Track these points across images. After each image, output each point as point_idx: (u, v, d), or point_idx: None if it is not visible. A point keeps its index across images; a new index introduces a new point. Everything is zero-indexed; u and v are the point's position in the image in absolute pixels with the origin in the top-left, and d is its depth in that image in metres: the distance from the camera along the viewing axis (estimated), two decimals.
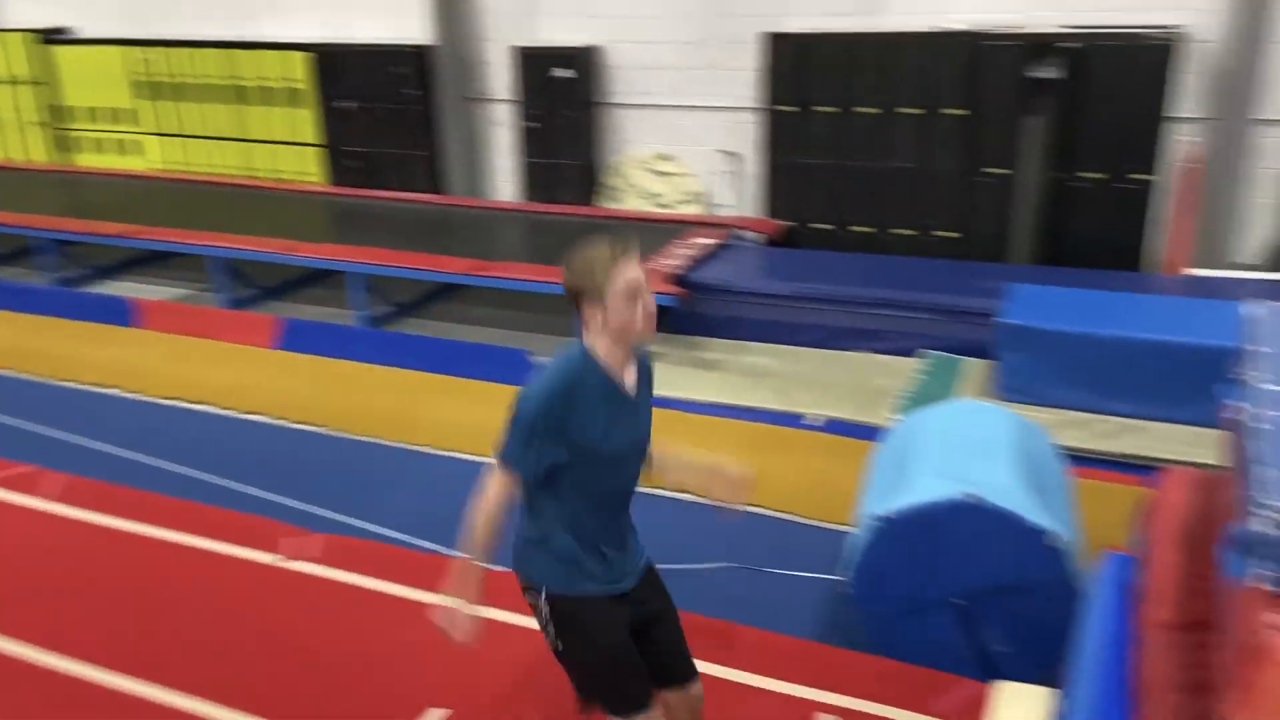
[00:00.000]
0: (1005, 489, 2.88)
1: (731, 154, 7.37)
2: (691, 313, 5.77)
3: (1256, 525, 1.43)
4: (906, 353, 5.33)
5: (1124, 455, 4.16)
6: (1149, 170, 6.02)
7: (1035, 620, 2.81)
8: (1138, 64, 5.88)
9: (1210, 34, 5.92)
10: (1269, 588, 1.41)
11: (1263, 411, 1.83)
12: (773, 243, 6.84)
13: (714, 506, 2.23)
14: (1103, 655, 2.06)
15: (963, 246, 6.54)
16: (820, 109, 6.70)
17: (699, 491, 2.24)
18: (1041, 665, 2.74)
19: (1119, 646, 2.06)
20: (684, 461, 2.21)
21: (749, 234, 6.84)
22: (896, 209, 6.70)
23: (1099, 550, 2.78)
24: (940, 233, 6.61)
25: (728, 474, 2.18)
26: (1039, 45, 6.02)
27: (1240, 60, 5.80)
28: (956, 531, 2.84)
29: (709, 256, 6.19)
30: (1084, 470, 3.73)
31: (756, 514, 3.83)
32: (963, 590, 2.90)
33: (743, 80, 7.04)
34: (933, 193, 6.57)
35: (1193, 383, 4.23)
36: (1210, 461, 3.65)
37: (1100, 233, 6.21)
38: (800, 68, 6.67)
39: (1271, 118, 5.90)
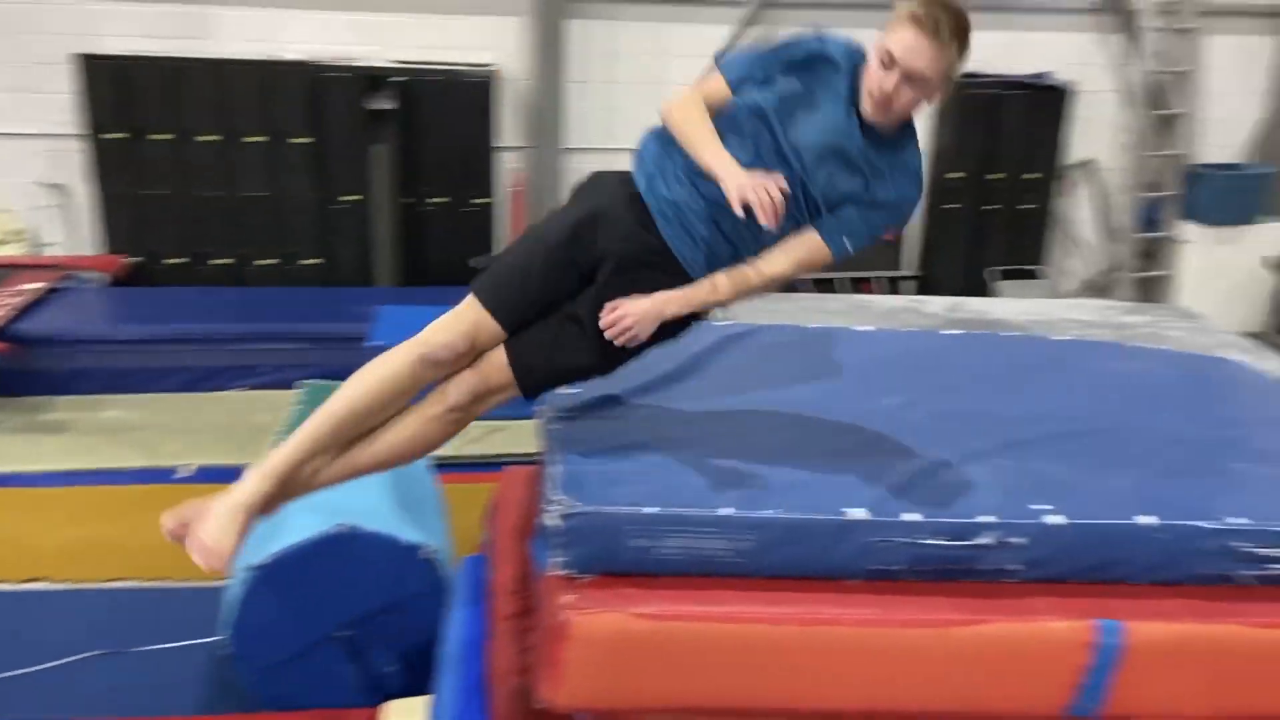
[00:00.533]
0: (376, 511, 2.97)
1: (55, 186, 6.55)
2: (23, 370, 5.03)
3: (547, 518, 1.67)
4: (285, 385, 5.22)
5: (489, 456, 4.53)
6: (486, 194, 6.66)
7: (417, 634, 2.94)
8: (460, 98, 6.46)
9: (519, 73, 6.71)
10: (564, 573, 1.65)
11: (555, 409, 2.13)
12: (118, 282, 6.22)
13: None
14: (463, 654, 2.25)
15: (328, 273, 6.59)
16: (154, 136, 6.23)
17: None
18: (429, 676, 2.89)
19: (476, 644, 2.25)
20: None
21: (88, 274, 6.14)
22: (256, 239, 6.52)
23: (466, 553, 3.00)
24: (304, 260, 6.58)
25: None
26: (373, 78, 6.29)
27: (545, 96, 6.67)
28: (334, 564, 2.86)
29: (38, 303, 5.44)
30: (455, 475, 3.99)
31: (121, 590, 3.49)
32: (348, 620, 2.94)
33: (60, 105, 6.29)
34: (291, 221, 6.51)
35: None
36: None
37: (454, 252, 6.67)
38: (124, 92, 6.14)
39: (576, 146, 6.88)
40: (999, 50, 6.94)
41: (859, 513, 1.70)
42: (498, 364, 1.94)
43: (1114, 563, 1.73)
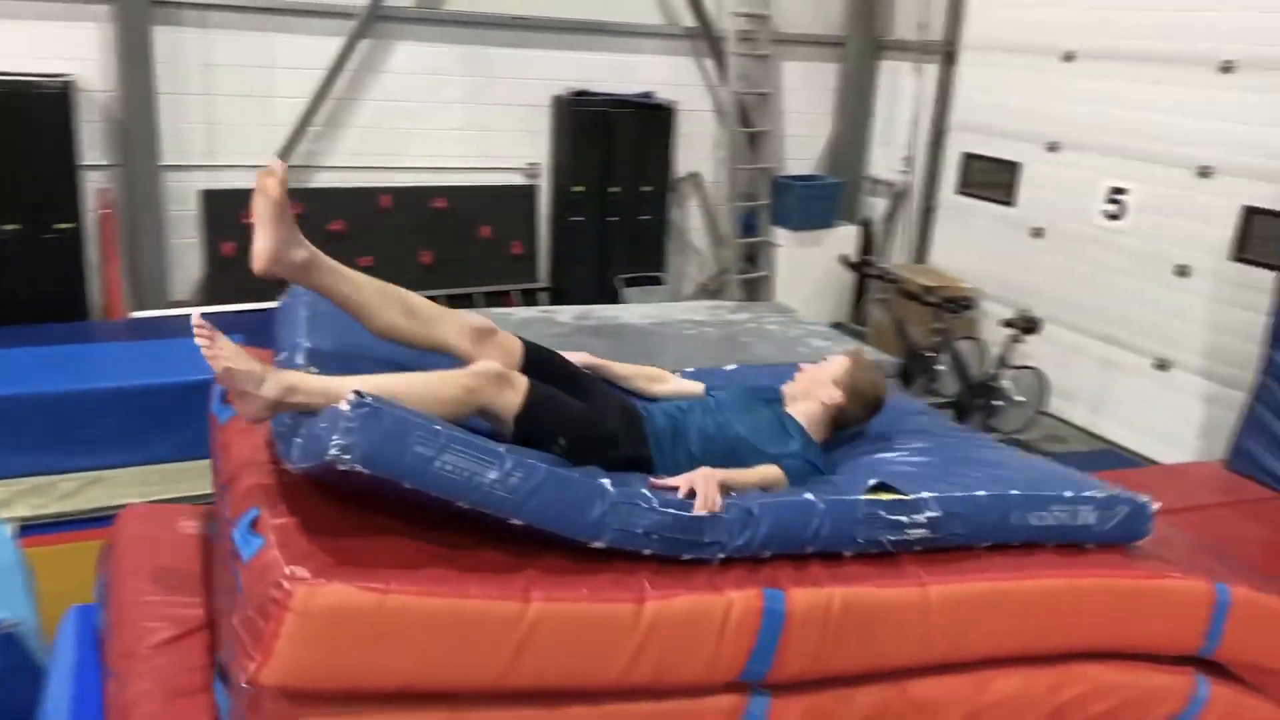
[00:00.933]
0: None
1: None
2: None
3: (342, 403, 1.60)
4: None
5: (89, 511, 4.03)
6: (72, 218, 5.92)
7: (15, 709, 2.55)
8: (35, 112, 5.70)
9: (104, 84, 6.05)
10: (276, 552, 1.55)
11: None
12: None
13: None
14: (71, 706, 2.05)
15: None
16: None
17: None
18: None
19: (89, 697, 2.03)
20: None
21: None
22: None
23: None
24: None
25: None
26: None
27: (133, 110, 6.06)
28: None
29: None
30: (48, 537, 3.52)
31: None
32: None
33: None
34: None
35: (150, 423, 4.31)
36: (176, 494, 3.82)
37: (37, 286, 5.89)
38: None
39: (172, 163, 6.32)
40: (608, 70, 7.36)
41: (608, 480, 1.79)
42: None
43: (800, 539, 1.89)
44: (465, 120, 7.18)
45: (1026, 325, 6.06)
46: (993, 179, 7.03)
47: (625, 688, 1.70)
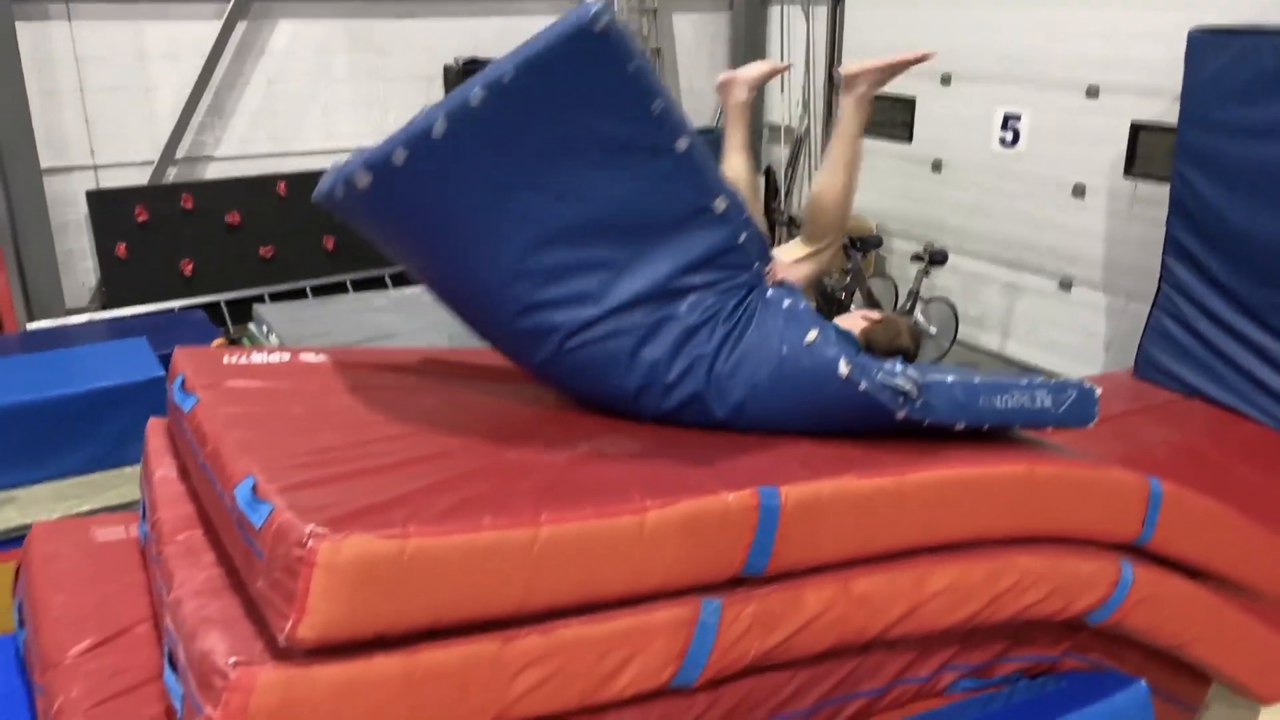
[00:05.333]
0: None
1: None
2: None
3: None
4: None
5: (4, 533, 3.86)
6: None
7: None
8: None
9: None
10: (289, 514, 1.55)
11: None
12: None
13: None
14: None
15: None
16: None
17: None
18: None
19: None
20: None
21: None
22: None
23: None
24: None
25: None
26: None
27: (4, 113, 5.75)
28: None
29: None
30: None
31: None
32: None
33: None
34: None
35: (58, 436, 4.14)
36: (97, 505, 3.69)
37: None
38: None
39: (53, 166, 6.04)
40: (497, 35, 7.23)
41: None
42: None
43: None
44: (357, 97, 7.00)
45: (934, 258, 6.20)
46: (890, 117, 7.13)
47: (634, 596, 1.74)
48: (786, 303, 2.17)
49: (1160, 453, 4.27)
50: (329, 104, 6.90)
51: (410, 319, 5.30)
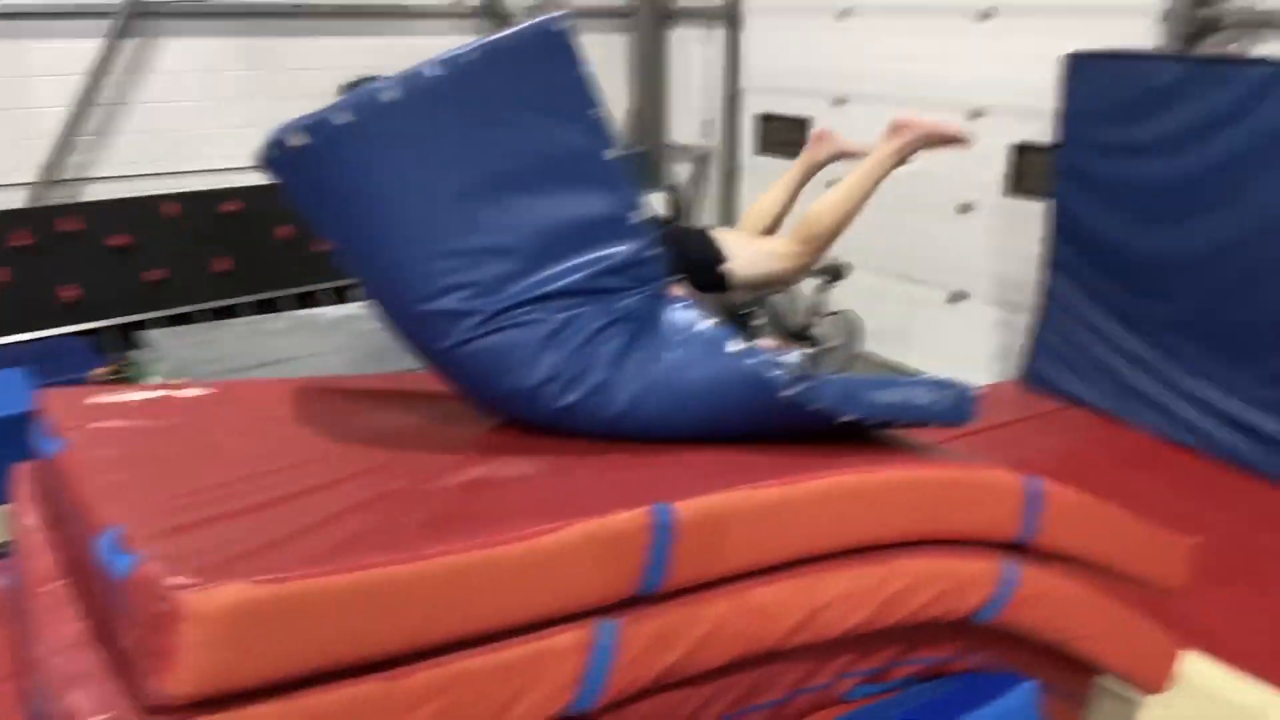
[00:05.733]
0: None
1: None
2: None
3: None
4: None
5: None
6: None
7: None
8: None
9: None
10: (156, 564, 1.46)
11: None
12: None
13: None
14: None
15: None
16: None
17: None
18: None
19: None
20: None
21: None
22: None
23: None
24: None
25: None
26: None
27: None
28: None
29: None
30: None
31: None
32: None
33: None
34: None
35: None
36: None
37: None
38: None
39: None
40: (396, 54, 7.14)
41: None
42: None
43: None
44: (250, 117, 6.83)
45: (834, 273, 6.34)
46: (788, 137, 7.28)
47: (528, 623, 1.71)
48: (688, 309, 2.25)
49: (1046, 460, 4.43)
50: (220, 123, 6.73)
51: (308, 342, 5.18)
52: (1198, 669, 2.76)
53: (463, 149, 2.05)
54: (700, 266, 2.89)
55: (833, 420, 2.17)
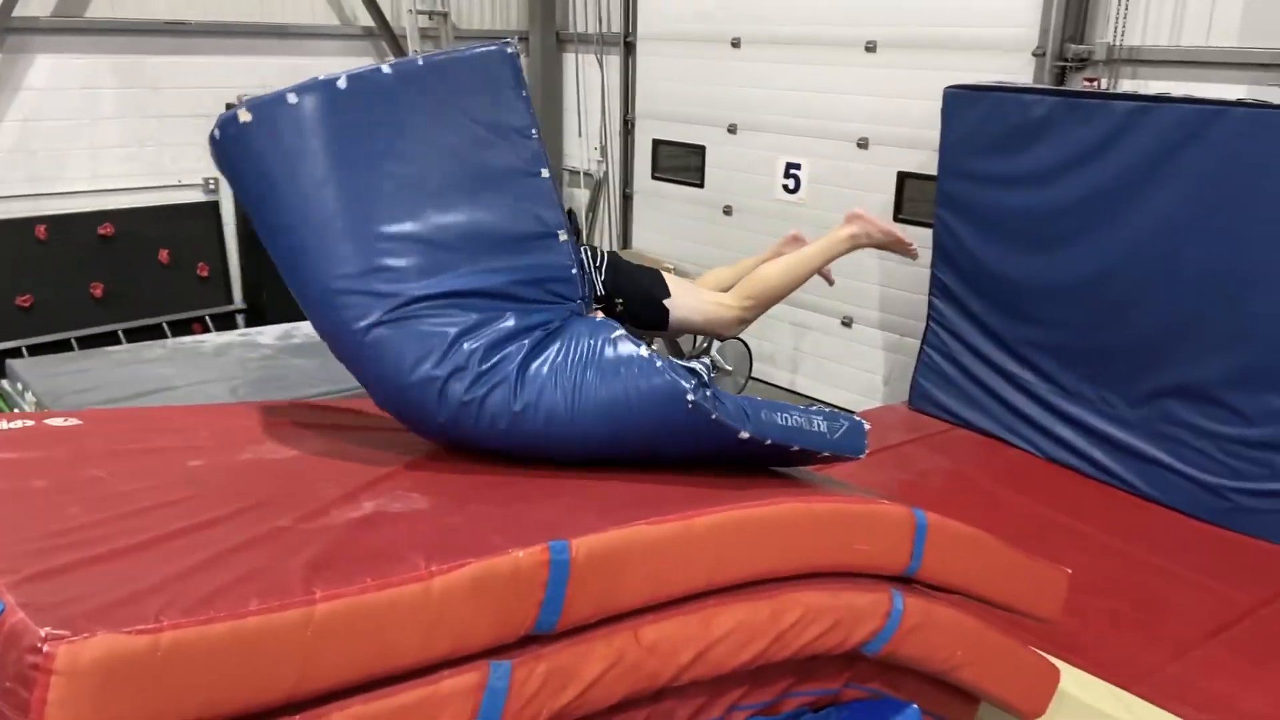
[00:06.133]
0: None
1: None
2: None
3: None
4: None
5: None
6: None
7: None
8: None
9: None
10: (21, 614, 1.38)
11: None
12: None
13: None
14: None
15: None
16: None
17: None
18: None
19: None
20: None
21: None
22: None
23: None
24: None
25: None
26: None
27: None
28: None
29: None
30: None
31: None
32: None
33: None
34: None
35: None
36: None
37: None
38: None
39: None
40: (284, 74, 6.99)
41: None
42: None
43: None
44: (127, 136, 6.59)
45: None
46: (682, 163, 7.37)
47: (419, 667, 1.66)
48: (608, 328, 2.30)
49: (933, 480, 4.57)
50: (95, 142, 6.45)
51: (189, 370, 5.00)
52: (1075, 684, 2.86)
53: (405, 143, 2.22)
54: (646, 299, 2.96)
55: (732, 436, 2.20)
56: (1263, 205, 3.98)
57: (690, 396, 2.12)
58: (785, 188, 6.64)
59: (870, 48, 5.99)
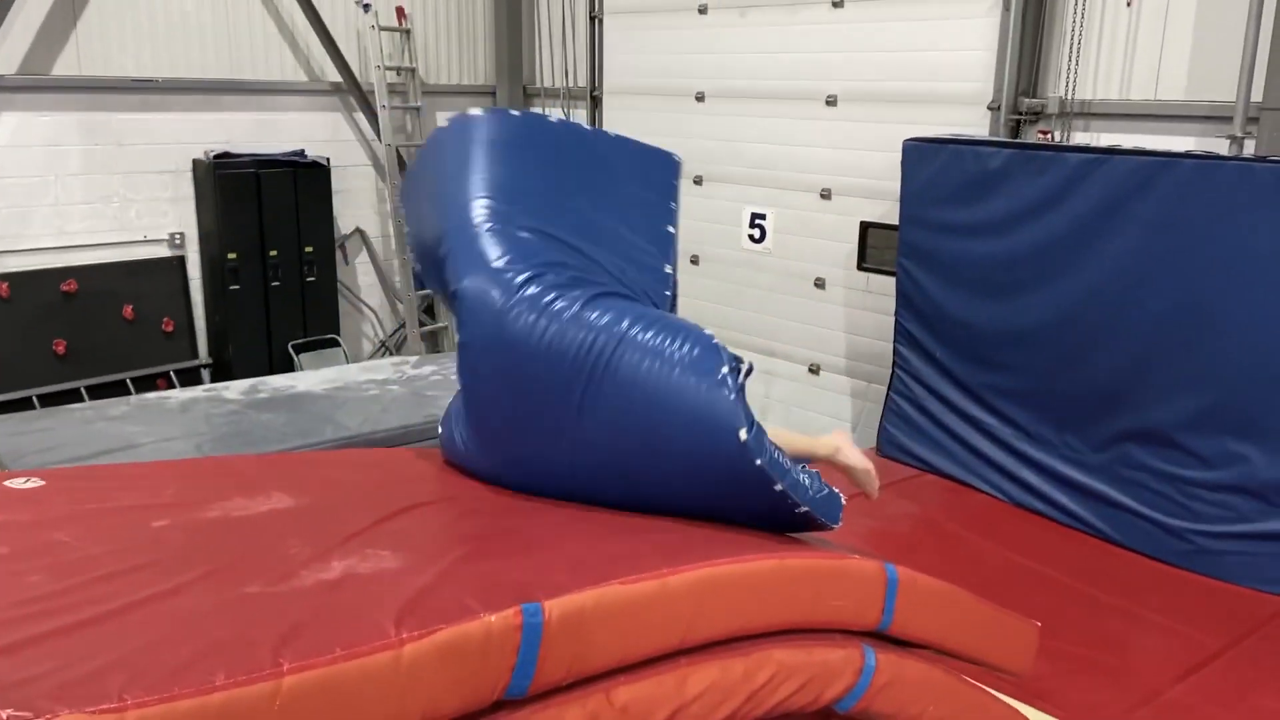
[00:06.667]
0: None
1: None
2: None
3: None
4: None
5: None
6: None
7: None
8: None
9: None
10: None
11: None
12: None
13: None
14: None
15: None
16: None
17: None
18: None
19: None
20: None
21: None
22: None
23: None
24: None
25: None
26: None
27: None
28: None
29: None
30: None
31: None
32: None
33: None
34: None
35: None
36: None
37: None
38: None
39: None
40: (251, 129, 7.02)
41: None
42: None
43: None
44: (92, 193, 6.57)
45: None
46: None
47: None
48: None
49: (901, 526, 4.60)
50: (60, 198, 6.43)
51: (154, 427, 4.94)
52: None
53: (567, 171, 2.78)
54: None
55: (768, 486, 2.24)
56: (1212, 252, 4.10)
57: (743, 434, 2.17)
58: (751, 237, 6.72)
59: (831, 101, 6.11)
